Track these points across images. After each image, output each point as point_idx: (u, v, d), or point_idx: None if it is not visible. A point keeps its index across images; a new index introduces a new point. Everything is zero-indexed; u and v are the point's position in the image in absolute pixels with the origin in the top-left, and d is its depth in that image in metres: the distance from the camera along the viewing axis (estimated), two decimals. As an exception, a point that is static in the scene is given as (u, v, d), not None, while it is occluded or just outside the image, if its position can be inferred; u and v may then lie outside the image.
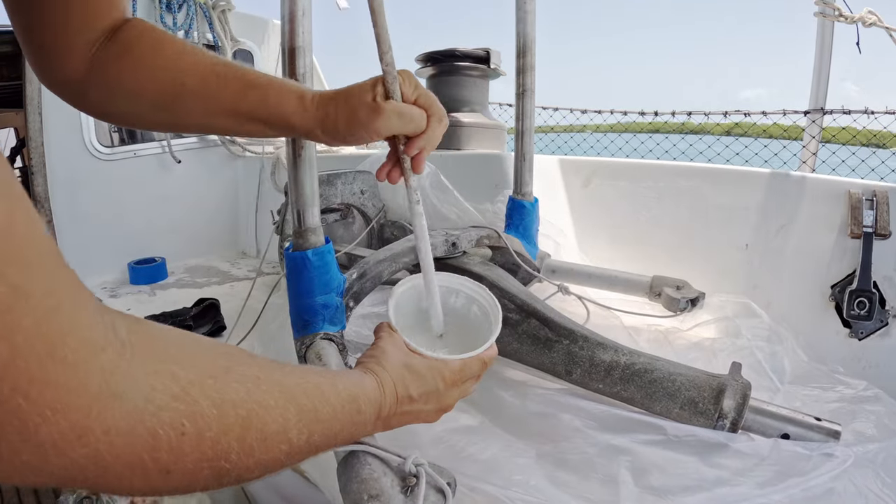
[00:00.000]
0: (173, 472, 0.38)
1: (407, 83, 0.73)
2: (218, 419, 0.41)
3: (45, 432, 0.30)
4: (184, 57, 0.72)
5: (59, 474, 0.32)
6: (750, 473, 0.84)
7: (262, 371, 0.49)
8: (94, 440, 0.33)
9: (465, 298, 0.91)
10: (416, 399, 0.71)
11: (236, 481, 0.46)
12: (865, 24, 1.48)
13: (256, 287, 1.77)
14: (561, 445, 0.94)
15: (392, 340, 0.75)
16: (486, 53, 2.21)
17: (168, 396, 0.38)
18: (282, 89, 0.74)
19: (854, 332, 1.35)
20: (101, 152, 2.55)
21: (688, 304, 1.33)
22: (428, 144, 0.77)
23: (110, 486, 0.36)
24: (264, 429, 0.46)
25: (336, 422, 0.58)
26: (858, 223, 1.33)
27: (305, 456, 0.54)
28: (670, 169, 1.77)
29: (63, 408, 0.31)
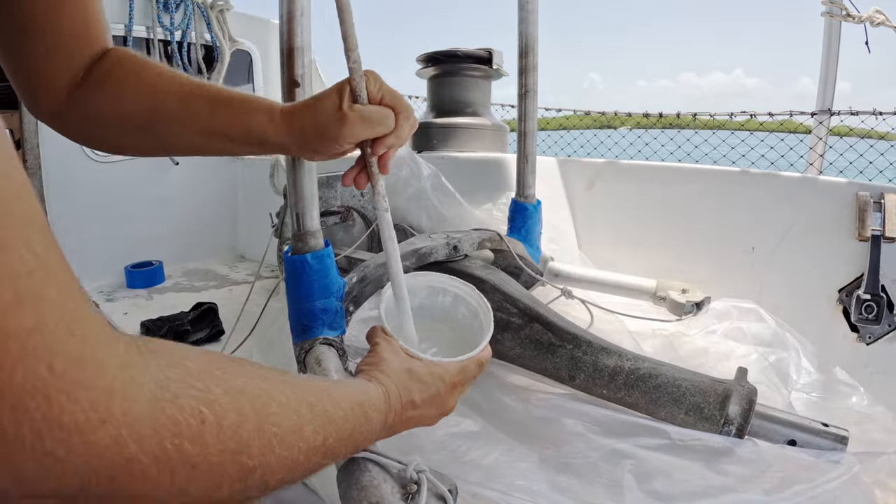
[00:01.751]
0: (199, 465, 0.37)
1: (372, 82, 0.73)
2: (234, 408, 0.41)
3: (68, 411, 0.29)
4: (160, 81, 0.74)
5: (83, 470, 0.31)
6: (756, 480, 0.82)
7: (268, 372, 0.50)
8: (115, 423, 0.31)
9: (452, 297, 0.91)
10: (419, 405, 0.71)
11: (261, 484, 0.45)
12: (873, 23, 1.47)
13: (255, 291, 1.76)
14: (564, 450, 0.93)
15: (390, 347, 0.75)
16: (488, 54, 2.20)
17: (184, 385, 0.37)
18: (252, 106, 0.74)
19: (862, 337, 1.34)
20: (98, 155, 2.56)
21: (693, 308, 1.32)
22: (396, 144, 0.76)
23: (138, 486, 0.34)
24: (279, 421, 0.46)
25: (347, 424, 0.57)
26: (866, 226, 1.31)
27: (322, 461, 0.54)
28: (675, 171, 1.76)
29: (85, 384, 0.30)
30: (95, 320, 0.32)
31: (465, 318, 0.90)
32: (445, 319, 0.91)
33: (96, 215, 2.56)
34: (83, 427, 0.30)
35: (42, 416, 0.28)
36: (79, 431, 0.30)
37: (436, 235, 1.26)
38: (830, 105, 1.71)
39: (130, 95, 0.74)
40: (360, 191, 1.75)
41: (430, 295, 0.92)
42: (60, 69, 0.71)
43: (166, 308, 2.13)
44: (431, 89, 2.36)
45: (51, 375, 0.28)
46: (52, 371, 0.28)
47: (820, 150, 1.74)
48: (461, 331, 0.88)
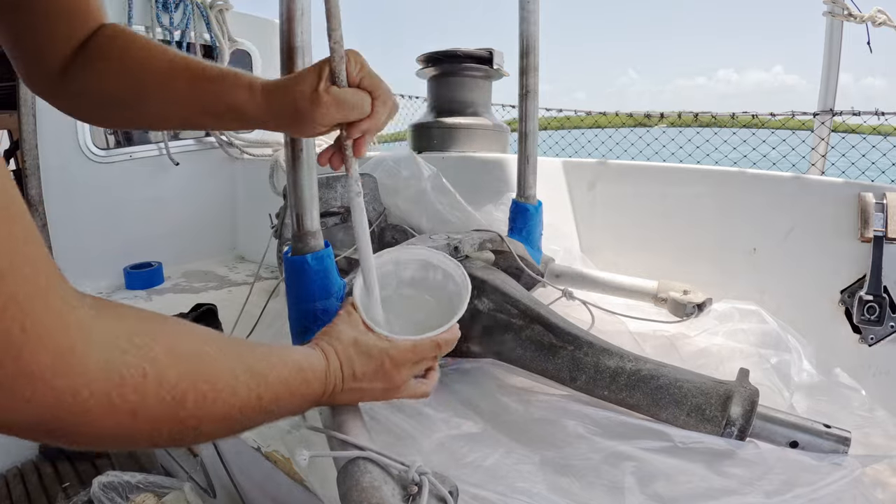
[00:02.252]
0: (139, 414, 0.44)
1: (353, 62, 0.72)
2: (174, 365, 0.47)
3: (35, 362, 0.36)
4: (146, 55, 0.76)
5: (44, 413, 0.38)
6: (758, 482, 0.82)
7: (209, 335, 0.55)
8: (74, 373, 0.38)
9: (442, 273, 0.93)
10: (359, 377, 0.74)
11: (195, 431, 0.51)
12: (875, 23, 1.46)
13: (255, 292, 1.75)
14: (565, 452, 0.93)
15: (349, 319, 0.78)
16: (488, 54, 2.20)
17: (130, 344, 0.44)
18: (234, 81, 0.75)
19: (864, 338, 1.34)
20: (97, 154, 2.53)
21: (694, 309, 1.31)
22: (371, 128, 0.76)
23: (87, 430, 0.41)
24: (215, 379, 0.52)
25: (283, 386, 0.62)
26: (869, 227, 1.31)
27: (258, 417, 0.59)
28: (676, 172, 1.75)
29: (50, 341, 0.37)
30: (62, 289, 0.39)
31: (452, 294, 0.91)
32: (435, 293, 0.93)
33: (95, 216, 2.55)
34: (47, 376, 0.37)
35: (14, 366, 0.35)
36: (43, 379, 0.36)
37: (436, 236, 1.26)
38: (832, 105, 1.70)
39: (117, 71, 0.75)
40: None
41: (422, 269, 0.94)
42: (56, 44, 0.73)
43: (165, 309, 2.09)
44: (432, 89, 2.36)
45: (22, 334, 0.35)
46: (24, 331, 0.35)
47: (822, 151, 1.74)
48: (447, 306, 0.89)
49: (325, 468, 0.92)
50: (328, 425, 0.80)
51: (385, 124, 0.78)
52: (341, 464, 0.72)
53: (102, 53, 0.74)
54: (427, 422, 1.00)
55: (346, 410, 0.80)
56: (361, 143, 0.78)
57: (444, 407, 1.05)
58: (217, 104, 0.75)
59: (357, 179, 0.79)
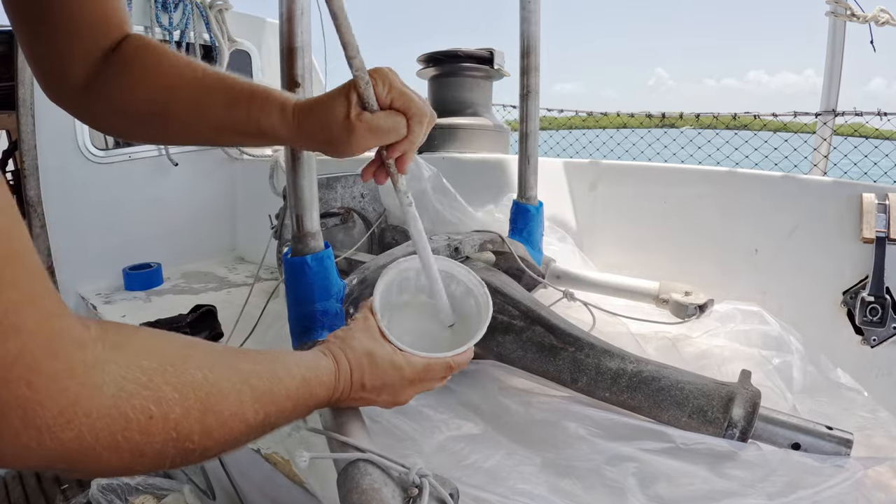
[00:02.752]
0: (146, 452, 0.44)
1: (381, 85, 0.70)
2: (180, 402, 0.47)
3: (41, 417, 0.36)
4: (176, 72, 0.74)
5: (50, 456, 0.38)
6: (759, 484, 0.82)
7: (217, 358, 0.54)
8: (78, 423, 0.38)
9: (464, 288, 0.92)
10: (368, 389, 0.73)
11: (201, 458, 0.51)
12: (878, 22, 1.46)
13: (254, 293, 1.74)
14: (566, 453, 0.93)
15: (365, 325, 0.77)
16: (489, 54, 2.19)
17: (137, 385, 0.43)
18: (266, 101, 0.73)
19: (866, 340, 1.33)
20: (96, 155, 2.53)
21: (696, 310, 1.31)
22: (411, 148, 0.75)
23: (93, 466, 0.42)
24: (222, 410, 0.52)
25: (289, 401, 0.62)
26: (871, 227, 1.30)
27: (263, 433, 0.59)
28: (678, 172, 1.75)
29: (56, 395, 0.36)
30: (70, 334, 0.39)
31: (472, 311, 0.90)
32: (455, 307, 0.91)
33: (94, 217, 2.55)
34: (53, 428, 0.37)
35: (20, 422, 0.35)
36: (49, 431, 0.36)
37: (437, 237, 1.26)
38: (835, 106, 1.69)
39: (146, 85, 0.74)
40: (359, 193, 1.74)
41: (444, 279, 0.91)
42: (80, 55, 0.72)
43: (165, 310, 2.11)
44: (432, 89, 2.35)
45: (29, 390, 0.35)
46: (31, 387, 0.35)
47: (824, 151, 1.73)
48: (465, 322, 0.88)
49: (325, 470, 0.92)
50: (328, 427, 0.79)
51: (424, 139, 0.77)
52: (341, 466, 0.71)
53: (129, 66, 0.73)
54: (427, 423, 1.00)
55: (346, 412, 0.79)
56: (403, 161, 0.76)
57: (444, 408, 1.04)
58: (249, 125, 0.74)
59: (406, 192, 0.78)
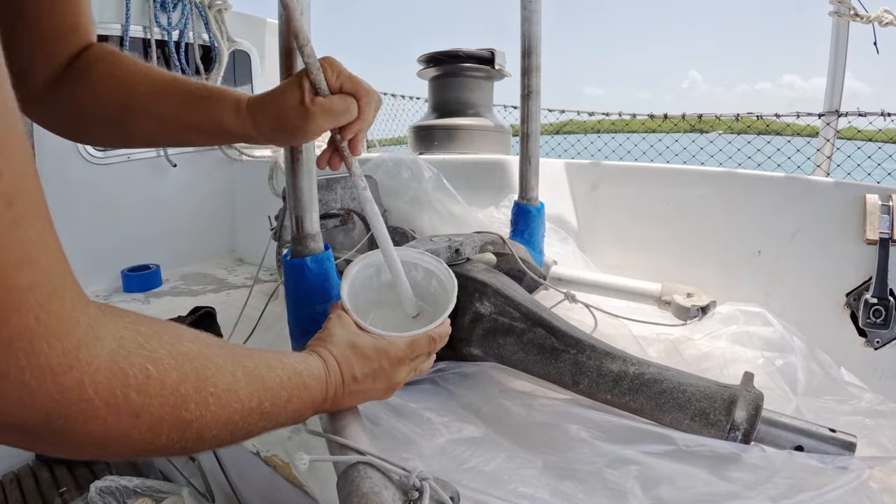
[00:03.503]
0: (142, 415, 0.44)
1: (330, 71, 0.74)
2: (176, 368, 0.47)
3: (46, 355, 0.36)
4: (134, 76, 0.78)
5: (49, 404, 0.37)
6: (762, 487, 0.81)
7: (210, 338, 0.55)
8: (80, 370, 0.38)
9: (423, 272, 0.94)
10: (360, 379, 0.75)
11: (197, 437, 0.51)
12: (882, 23, 1.45)
13: (254, 295, 1.74)
14: (568, 456, 0.92)
15: (340, 322, 0.79)
16: (490, 54, 2.19)
17: (135, 344, 0.44)
18: (220, 98, 0.77)
19: (870, 342, 1.33)
20: (94, 156, 2.52)
21: (698, 312, 1.31)
22: (363, 128, 0.79)
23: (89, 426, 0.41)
24: (217, 382, 0.52)
25: (283, 391, 0.63)
26: (874, 229, 1.30)
27: (259, 423, 0.60)
28: (680, 173, 1.75)
29: (61, 336, 0.37)
30: (74, 285, 0.40)
31: (437, 291, 0.92)
32: (418, 293, 0.93)
33: (92, 218, 2.53)
34: (55, 368, 0.37)
35: (25, 355, 0.35)
36: (51, 371, 0.37)
37: (437, 238, 1.25)
38: (838, 106, 1.69)
39: (106, 90, 0.77)
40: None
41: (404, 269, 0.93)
42: (46, 60, 0.74)
43: (163, 312, 2.09)
44: (433, 90, 2.35)
45: (37, 324, 0.35)
46: (38, 321, 0.35)
47: (827, 152, 1.72)
48: (433, 303, 0.90)
49: (324, 473, 0.92)
50: (328, 429, 0.79)
51: (373, 120, 0.81)
52: (341, 469, 0.71)
53: (88, 73, 0.76)
54: (428, 426, 0.99)
55: (346, 414, 0.79)
56: (356, 143, 0.81)
57: (445, 411, 1.04)
58: (204, 122, 0.78)
59: (360, 176, 0.81)
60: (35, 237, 0.36)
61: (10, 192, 0.33)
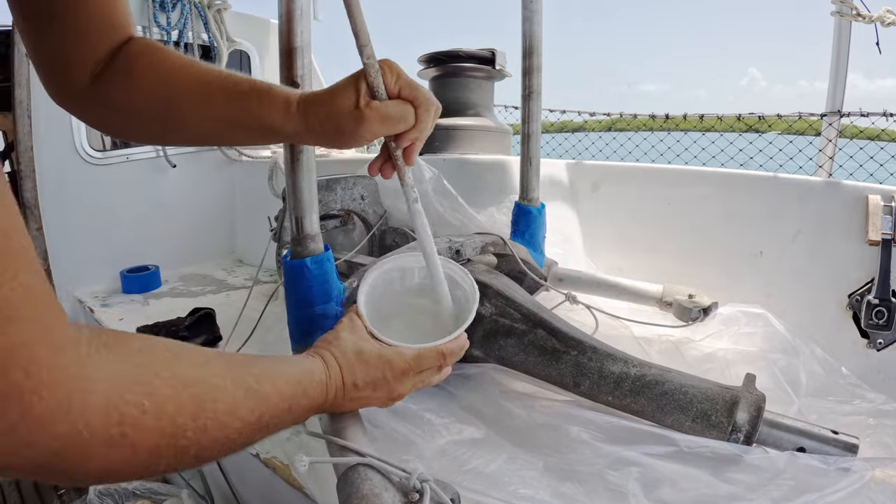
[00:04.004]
0: (139, 449, 0.44)
1: (389, 74, 0.71)
2: (173, 398, 0.47)
3: (38, 408, 0.36)
4: (178, 71, 0.75)
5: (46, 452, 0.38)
6: (764, 488, 0.81)
7: (208, 357, 0.55)
8: (74, 417, 0.39)
9: (449, 280, 0.90)
10: (360, 387, 0.74)
11: (195, 459, 0.51)
12: (884, 23, 1.45)
13: (253, 296, 1.73)
14: (568, 458, 0.92)
15: (351, 326, 0.78)
16: (491, 54, 2.18)
17: (129, 380, 0.44)
18: (268, 96, 0.74)
19: (872, 343, 1.32)
20: (93, 157, 2.50)
21: (700, 313, 1.30)
22: (419, 137, 0.76)
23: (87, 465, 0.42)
24: (216, 407, 0.52)
25: (283, 402, 0.63)
26: (877, 230, 1.30)
27: (258, 435, 0.59)
28: (681, 173, 1.75)
29: (53, 386, 0.37)
30: (63, 328, 0.39)
31: (460, 301, 0.90)
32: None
33: (91, 219, 2.51)
34: (49, 419, 0.37)
35: (18, 412, 0.35)
36: (45, 422, 0.37)
37: (438, 239, 1.25)
38: (840, 106, 1.69)
39: (149, 86, 0.74)
40: (359, 195, 1.73)
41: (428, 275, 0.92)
42: (85, 56, 0.72)
43: (163, 313, 2.08)
44: (433, 90, 2.34)
45: (27, 379, 0.35)
46: (28, 376, 0.35)
47: (829, 153, 1.72)
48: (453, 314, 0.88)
49: (324, 475, 0.91)
50: (328, 431, 0.79)
51: (431, 129, 0.77)
52: (341, 470, 0.71)
53: (132, 68, 0.73)
54: (428, 428, 0.99)
55: (346, 416, 0.79)
56: (411, 152, 0.77)
57: (445, 412, 1.04)
58: (253, 121, 0.74)
59: (413, 186, 0.78)
60: (21, 291, 0.35)
61: None
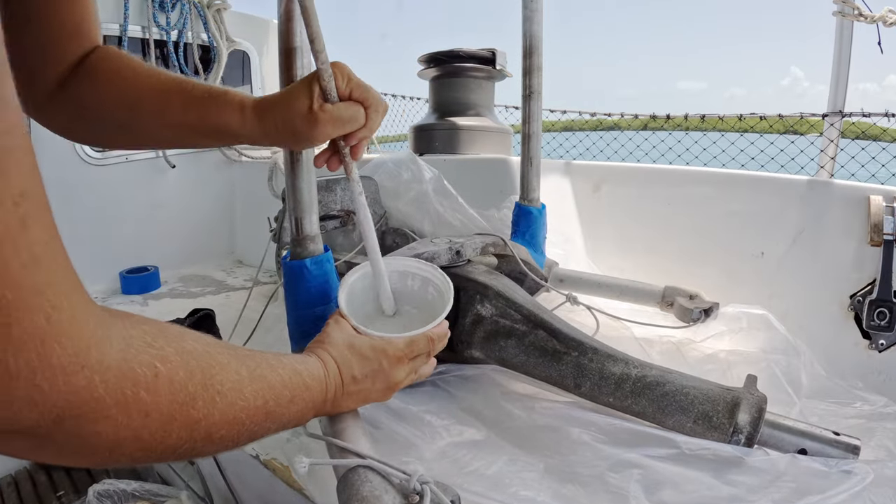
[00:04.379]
0: (151, 413, 0.44)
1: (340, 76, 0.74)
2: (183, 365, 0.48)
3: (57, 355, 0.36)
4: (139, 78, 0.77)
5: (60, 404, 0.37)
6: (766, 490, 0.81)
7: (211, 338, 0.56)
8: (90, 369, 0.38)
9: (420, 280, 0.95)
10: (359, 379, 0.75)
11: (205, 437, 0.51)
12: (886, 23, 1.45)
13: (253, 297, 1.73)
14: (569, 460, 0.92)
15: (338, 326, 0.79)
16: (491, 54, 2.18)
17: (142, 343, 0.44)
18: (225, 101, 0.76)
19: (874, 344, 1.32)
20: (92, 157, 2.50)
21: (701, 314, 1.30)
22: (368, 135, 0.79)
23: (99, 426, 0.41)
24: (222, 380, 0.53)
25: (286, 390, 0.63)
26: (879, 230, 1.29)
27: (264, 423, 0.60)
28: (683, 174, 1.74)
29: (72, 336, 0.37)
30: (80, 286, 0.39)
31: (434, 298, 0.93)
32: (415, 301, 0.94)
33: (90, 219, 2.51)
34: (67, 368, 0.37)
35: (37, 356, 0.35)
36: (63, 372, 0.36)
37: (438, 240, 1.25)
38: (842, 106, 1.69)
39: (112, 93, 0.76)
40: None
41: (401, 279, 0.96)
42: (52, 63, 0.74)
43: (162, 314, 2.08)
44: (433, 90, 2.34)
45: (48, 325, 0.35)
46: (49, 321, 0.35)
47: (831, 153, 1.72)
48: (430, 311, 0.90)
49: (324, 477, 0.91)
50: (328, 432, 0.79)
51: (378, 127, 0.81)
52: (341, 472, 0.71)
53: (97, 74, 0.75)
54: (429, 429, 0.99)
55: (346, 417, 0.79)
56: (358, 149, 0.81)
57: (446, 414, 1.03)
58: (209, 125, 0.77)
59: (358, 181, 0.82)
60: (43, 237, 0.36)
61: (17, 193, 0.34)
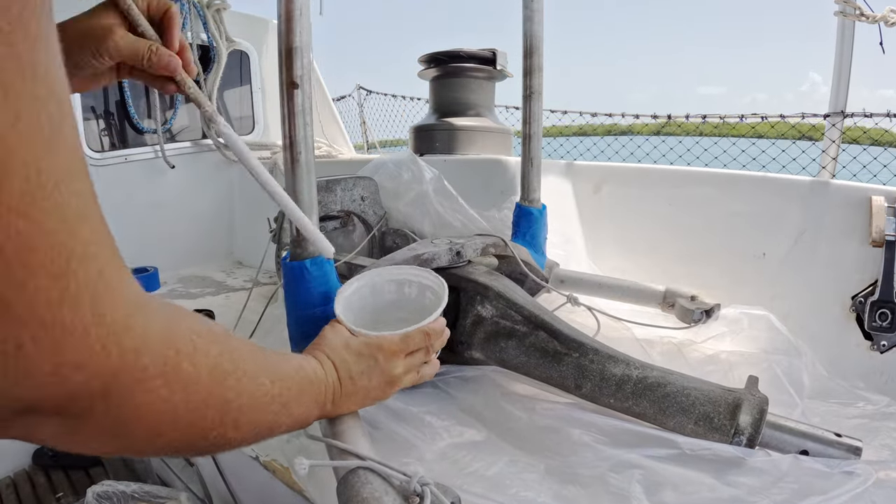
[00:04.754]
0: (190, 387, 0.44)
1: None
2: (213, 342, 0.48)
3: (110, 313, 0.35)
4: None
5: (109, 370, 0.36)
6: (767, 491, 0.80)
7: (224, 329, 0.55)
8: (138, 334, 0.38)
9: (417, 287, 0.96)
10: (357, 378, 0.76)
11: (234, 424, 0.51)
12: (888, 23, 1.45)
13: (253, 298, 1.73)
14: (570, 460, 0.92)
15: (334, 330, 0.80)
16: (492, 54, 2.18)
17: (177, 316, 0.45)
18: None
19: (875, 345, 1.32)
20: (91, 157, 2.49)
21: (702, 315, 1.30)
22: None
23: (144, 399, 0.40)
24: (245, 364, 0.53)
25: (294, 383, 0.64)
26: (880, 231, 1.29)
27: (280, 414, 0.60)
28: (684, 175, 1.74)
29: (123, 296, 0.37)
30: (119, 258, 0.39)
31: (431, 302, 0.93)
32: (413, 308, 0.94)
33: (89, 219, 2.51)
34: (118, 331, 0.36)
35: (91, 312, 0.34)
36: (114, 333, 0.36)
37: (438, 241, 1.25)
38: (843, 107, 1.69)
39: None
40: (359, 196, 1.72)
41: (398, 289, 0.97)
42: None
43: (162, 315, 2.09)
44: (434, 90, 2.34)
45: (100, 279, 0.35)
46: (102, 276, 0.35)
47: (833, 154, 1.72)
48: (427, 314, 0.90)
49: (324, 478, 0.91)
50: (327, 434, 0.79)
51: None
52: (341, 473, 0.70)
53: None
54: (429, 430, 0.99)
55: (346, 419, 0.79)
56: (187, 55, 0.72)
57: (446, 415, 1.03)
58: None
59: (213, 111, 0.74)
60: (89, 194, 0.36)
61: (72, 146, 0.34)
